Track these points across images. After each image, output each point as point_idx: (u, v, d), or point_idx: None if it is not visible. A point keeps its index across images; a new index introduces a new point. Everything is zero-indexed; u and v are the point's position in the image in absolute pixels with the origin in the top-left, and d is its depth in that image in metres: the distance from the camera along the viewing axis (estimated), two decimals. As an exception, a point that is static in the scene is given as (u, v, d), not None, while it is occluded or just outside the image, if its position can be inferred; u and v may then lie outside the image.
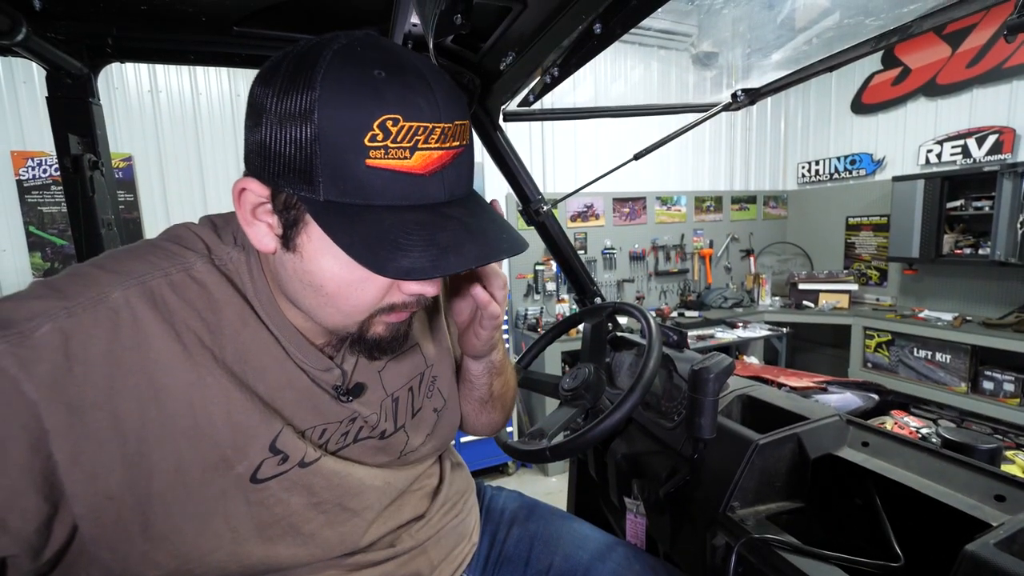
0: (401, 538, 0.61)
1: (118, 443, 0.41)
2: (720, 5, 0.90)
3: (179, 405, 0.43)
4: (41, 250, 2.39)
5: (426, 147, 0.40)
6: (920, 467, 0.67)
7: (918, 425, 1.18)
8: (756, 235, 4.14)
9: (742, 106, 1.16)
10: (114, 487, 0.41)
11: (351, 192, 0.40)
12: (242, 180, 0.44)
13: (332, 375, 0.53)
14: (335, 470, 0.53)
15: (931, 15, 0.77)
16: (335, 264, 0.43)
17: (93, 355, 0.40)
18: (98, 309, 0.41)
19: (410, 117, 0.39)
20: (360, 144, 0.38)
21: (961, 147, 3.18)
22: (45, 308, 0.40)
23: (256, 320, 0.48)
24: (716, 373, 0.62)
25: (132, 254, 0.46)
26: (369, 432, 0.58)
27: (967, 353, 2.90)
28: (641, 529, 0.90)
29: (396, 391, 0.61)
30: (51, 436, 0.38)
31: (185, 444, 0.43)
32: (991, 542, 0.47)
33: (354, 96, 0.38)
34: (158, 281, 0.44)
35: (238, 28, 0.85)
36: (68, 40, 0.82)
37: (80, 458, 0.39)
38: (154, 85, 2.53)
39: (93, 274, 0.44)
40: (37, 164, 2.34)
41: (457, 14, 0.60)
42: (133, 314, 0.42)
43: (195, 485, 0.44)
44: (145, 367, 0.42)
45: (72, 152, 0.86)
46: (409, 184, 0.40)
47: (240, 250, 0.50)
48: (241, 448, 0.46)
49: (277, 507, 0.49)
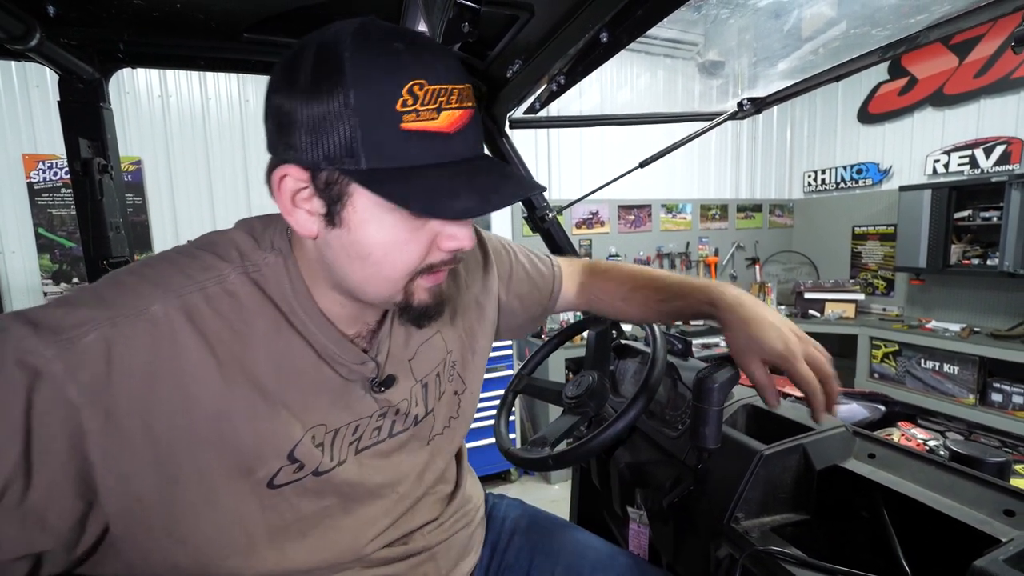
0: (414, 538, 0.63)
1: (149, 448, 0.42)
2: (727, 15, 0.90)
3: (207, 414, 0.45)
4: (50, 252, 2.42)
5: (449, 107, 0.44)
6: (927, 480, 0.66)
7: (925, 437, 1.16)
8: (762, 243, 4.12)
9: (748, 115, 1.16)
10: (143, 489, 0.43)
11: (391, 157, 0.43)
12: (280, 168, 0.46)
13: (367, 368, 0.55)
14: (347, 480, 0.54)
15: (938, 26, 0.77)
16: (380, 230, 0.46)
17: (132, 364, 0.42)
18: (139, 321, 0.43)
19: (433, 81, 0.43)
20: (394, 111, 0.42)
21: (968, 157, 3.16)
22: (92, 316, 0.42)
23: (288, 327, 0.50)
24: (721, 383, 0.61)
25: (171, 264, 0.49)
26: (403, 424, 0.60)
27: (975, 364, 2.87)
28: (644, 539, 0.89)
29: (425, 377, 0.63)
30: (88, 438, 0.40)
31: (210, 452, 0.45)
32: (1000, 558, 0.46)
33: (382, 69, 0.42)
34: (195, 295, 0.47)
35: (248, 34, 0.87)
36: (80, 45, 0.83)
37: (113, 461, 0.41)
38: (164, 90, 2.56)
39: (136, 285, 0.46)
40: (48, 167, 2.38)
41: (465, 22, 0.60)
42: (171, 327, 0.44)
43: (217, 492, 0.46)
44: (178, 378, 0.44)
45: (82, 156, 0.87)
46: (440, 143, 0.44)
47: (277, 254, 0.52)
48: (261, 456, 0.48)
49: (288, 512, 0.50)
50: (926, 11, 0.78)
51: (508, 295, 0.79)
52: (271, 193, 0.48)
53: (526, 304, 0.82)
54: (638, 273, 0.81)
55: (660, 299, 0.75)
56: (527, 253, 0.84)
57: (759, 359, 0.62)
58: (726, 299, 0.66)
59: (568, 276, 0.87)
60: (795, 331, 0.63)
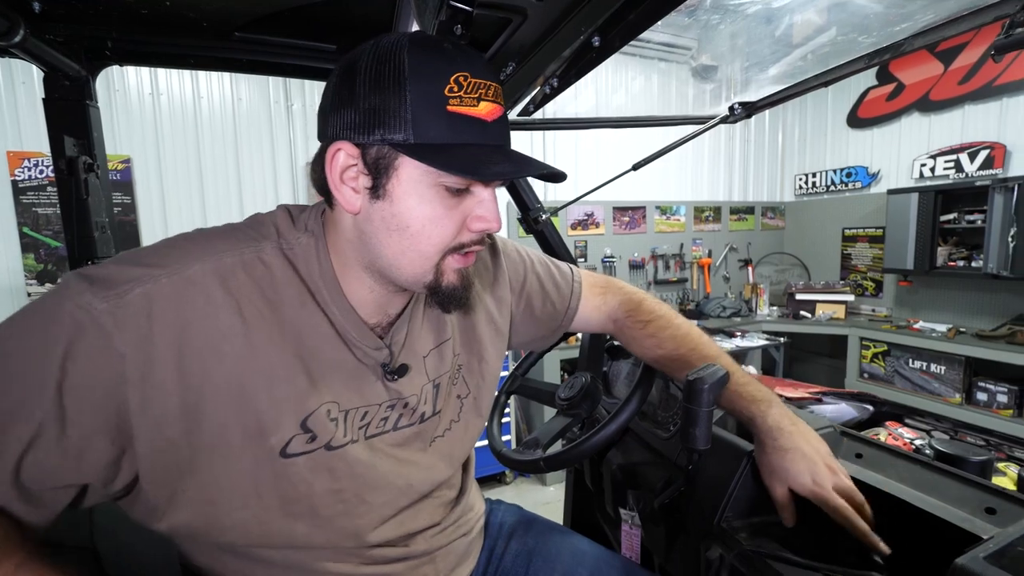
0: (416, 540, 0.64)
1: (180, 396, 0.46)
2: (717, 20, 0.91)
3: (232, 372, 0.48)
4: (35, 251, 2.38)
5: (487, 99, 0.50)
6: (913, 479, 0.67)
7: (912, 436, 1.18)
8: (754, 245, 4.16)
9: (739, 119, 1.17)
10: (173, 434, 0.47)
11: (438, 134, 0.48)
12: (334, 144, 0.50)
13: (381, 354, 0.58)
14: (359, 459, 0.56)
15: (922, 34, 0.79)
16: (420, 203, 0.50)
17: (169, 318, 0.46)
18: (179, 279, 0.47)
19: (476, 75, 0.49)
20: (442, 94, 0.47)
21: (954, 162, 3.22)
22: (139, 275, 0.46)
23: (313, 302, 0.54)
24: (711, 384, 0.62)
25: (218, 234, 0.53)
26: (409, 419, 0.61)
27: (961, 364, 2.92)
28: (636, 540, 0.90)
29: (438, 378, 0.65)
30: (129, 385, 0.44)
31: (231, 407, 0.49)
32: (981, 555, 0.47)
33: (434, 61, 0.48)
34: (232, 259, 0.51)
35: (240, 34, 0.86)
36: (67, 42, 0.82)
37: (148, 406, 0.45)
38: (155, 88, 2.53)
39: (185, 247, 0.50)
40: (33, 165, 2.34)
41: (457, 24, 0.60)
42: (206, 286, 0.48)
43: (234, 446, 0.49)
44: (209, 334, 0.48)
45: (67, 154, 0.86)
46: (480, 128, 0.49)
47: (310, 235, 0.55)
48: (276, 420, 0.50)
49: (301, 485, 0.52)
50: (910, 19, 0.79)
51: (519, 306, 0.78)
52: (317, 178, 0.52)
53: (538, 317, 0.80)
54: (684, 341, 0.77)
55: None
56: (546, 264, 0.82)
57: (786, 487, 0.65)
58: (767, 422, 0.69)
59: (592, 302, 0.83)
60: (828, 462, 0.65)
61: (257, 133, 2.72)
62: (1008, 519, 0.56)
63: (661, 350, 0.77)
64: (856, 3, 0.85)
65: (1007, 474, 1.00)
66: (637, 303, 0.82)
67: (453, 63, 0.48)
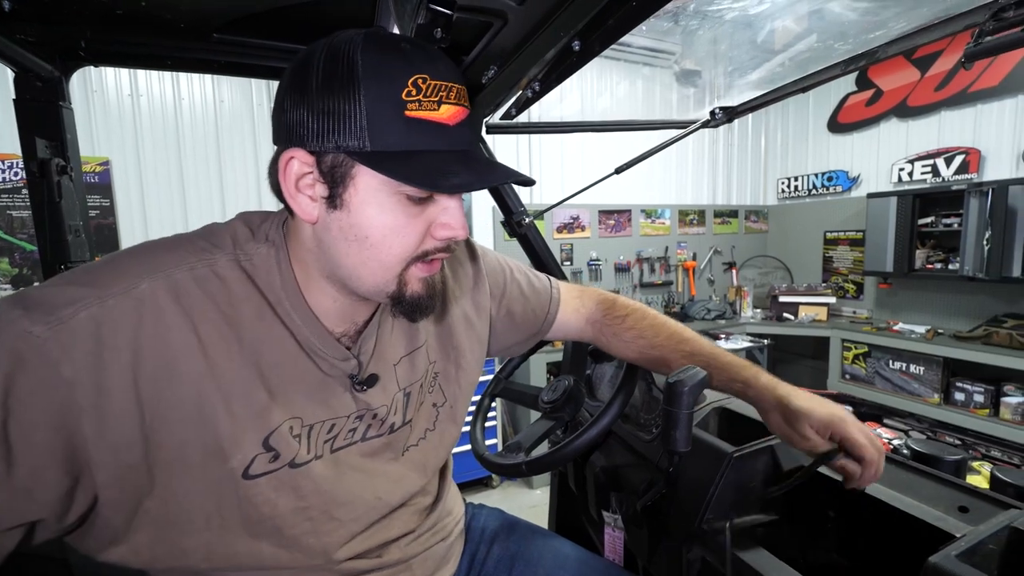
0: (389, 550, 0.62)
1: (137, 420, 0.44)
2: (695, 26, 0.92)
3: (189, 391, 0.46)
4: (9, 255, 2.31)
5: (449, 102, 0.47)
6: (890, 479, 0.68)
7: (890, 436, 1.20)
8: (738, 248, 4.22)
9: (721, 123, 1.19)
10: (133, 458, 0.45)
11: (396, 141, 0.46)
12: (287, 152, 0.48)
13: (349, 364, 0.56)
14: (325, 476, 0.54)
15: (896, 41, 0.81)
16: (380, 213, 0.48)
17: (120, 341, 0.43)
18: (127, 299, 0.45)
19: (435, 76, 0.46)
20: (399, 99, 0.45)
21: (931, 166, 3.30)
22: (82, 295, 0.43)
23: (272, 315, 0.51)
24: (691, 386, 0.62)
25: (165, 247, 0.50)
26: (377, 430, 0.59)
27: (940, 365, 2.98)
28: (619, 543, 0.90)
29: (409, 386, 0.63)
30: (83, 414, 0.42)
31: (190, 427, 0.46)
32: (953, 554, 0.48)
33: (389, 63, 0.45)
34: (183, 275, 0.48)
35: (218, 35, 0.85)
36: (39, 43, 0.80)
37: (105, 433, 0.43)
38: (135, 89, 2.48)
39: (127, 265, 0.48)
40: (8, 167, 2.28)
41: (438, 27, 0.60)
42: (157, 305, 0.46)
43: (194, 466, 0.47)
44: (163, 354, 0.45)
45: (39, 156, 0.84)
46: (441, 132, 0.47)
47: (270, 245, 0.53)
48: (237, 441, 0.48)
49: (264, 506, 0.50)
50: (885, 27, 0.81)
51: (499, 312, 0.78)
52: (273, 184, 0.50)
53: (518, 323, 0.80)
54: (662, 328, 0.77)
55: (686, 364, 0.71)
56: (525, 272, 0.83)
57: (808, 426, 0.62)
58: (761, 380, 0.68)
59: (570, 305, 0.84)
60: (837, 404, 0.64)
61: (240, 135, 2.69)
62: (980, 517, 0.58)
63: (642, 339, 0.77)
64: (833, 10, 0.87)
65: (981, 472, 1.02)
66: (612, 300, 0.84)
67: (411, 64, 0.46)
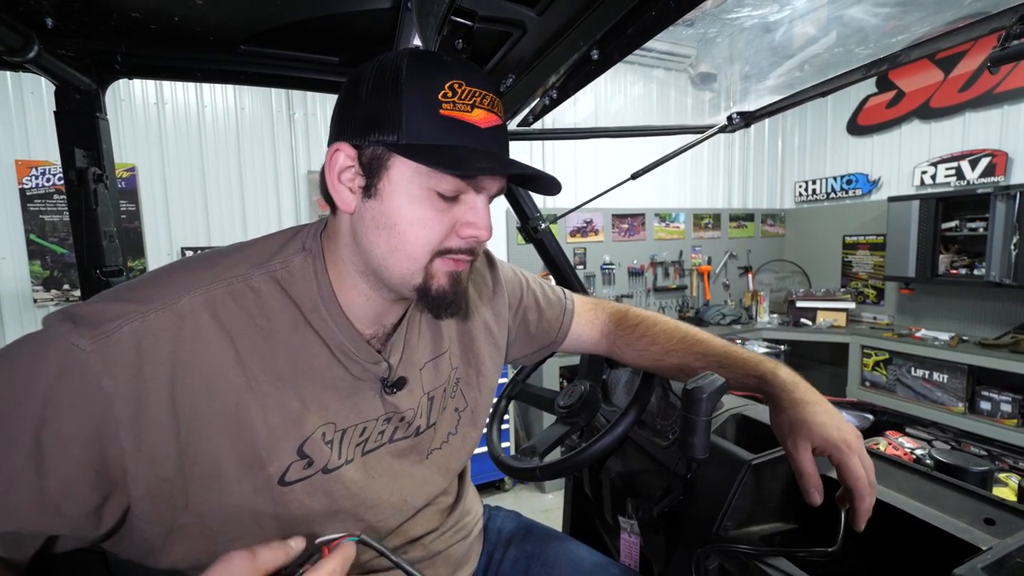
0: (415, 547, 0.64)
1: (174, 432, 0.45)
2: (714, 33, 0.92)
3: (226, 404, 0.48)
4: (41, 258, 2.40)
5: (482, 107, 0.50)
6: (912, 489, 0.67)
7: (912, 446, 1.17)
8: (754, 252, 4.16)
9: (738, 128, 1.18)
10: (169, 471, 0.46)
11: (429, 135, 0.49)
12: (334, 145, 0.52)
13: (379, 368, 0.58)
14: (355, 480, 0.56)
15: (918, 45, 0.80)
16: (408, 202, 0.51)
17: (159, 355, 0.45)
18: (166, 314, 0.47)
19: (470, 83, 0.50)
20: (435, 99, 0.48)
21: (955, 169, 3.22)
22: (126, 311, 0.45)
23: (305, 325, 0.53)
24: (709, 393, 0.62)
25: (203, 263, 0.53)
26: (404, 432, 0.62)
27: (964, 373, 2.90)
28: (635, 549, 0.90)
29: (432, 390, 0.65)
30: (120, 426, 0.43)
31: (226, 440, 0.48)
32: (979, 566, 0.47)
33: (431, 67, 0.49)
34: (220, 290, 0.50)
35: (245, 47, 0.88)
36: (78, 57, 0.84)
37: (143, 445, 0.44)
38: (160, 97, 2.56)
39: (169, 281, 0.50)
40: (41, 173, 2.36)
41: (459, 39, 0.62)
42: (195, 320, 0.48)
43: (231, 478, 0.48)
44: (200, 368, 0.47)
45: (77, 165, 0.87)
46: (472, 132, 0.50)
47: (306, 254, 0.55)
48: (273, 450, 0.50)
49: (299, 510, 0.52)
50: (907, 31, 0.80)
51: (516, 322, 0.80)
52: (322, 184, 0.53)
53: (532, 334, 0.82)
54: (675, 333, 0.78)
55: (701, 365, 0.72)
56: (540, 284, 0.85)
57: (809, 444, 0.60)
58: (779, 377, 0.65)
59: (584, 318, 0.85)
60: (851, 427, 0.61)
61: (260, 142, 2.75)
62: (1007, 530, 0.56)
63: (656, 345, 0.78)
64: (853, 15, 0.86)
65: (1008, 484, 0.99)
66: (624, 312, 0.86)
67: (449, 72, 0.49)
